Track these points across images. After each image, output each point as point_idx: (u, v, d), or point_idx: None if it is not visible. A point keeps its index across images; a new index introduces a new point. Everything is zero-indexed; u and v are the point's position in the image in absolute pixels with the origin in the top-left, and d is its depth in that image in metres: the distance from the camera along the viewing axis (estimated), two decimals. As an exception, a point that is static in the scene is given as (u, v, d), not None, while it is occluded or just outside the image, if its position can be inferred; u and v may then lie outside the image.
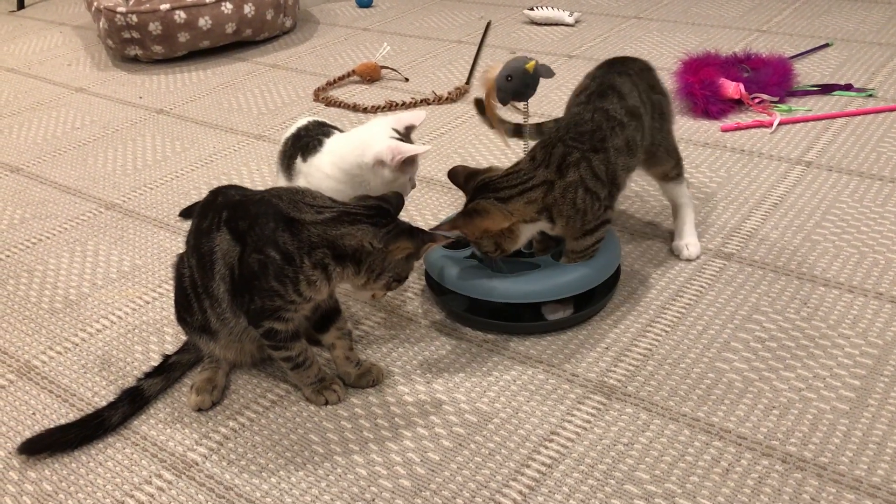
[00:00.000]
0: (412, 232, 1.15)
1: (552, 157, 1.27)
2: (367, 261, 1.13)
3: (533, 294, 1.29)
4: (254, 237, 1.10)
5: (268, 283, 1.11)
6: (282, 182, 1.42)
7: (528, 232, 1.29)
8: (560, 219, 1.27)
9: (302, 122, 1.46)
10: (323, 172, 1.35)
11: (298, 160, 1.39)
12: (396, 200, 1.20)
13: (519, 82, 1.34)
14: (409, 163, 1.34)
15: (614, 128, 1.31)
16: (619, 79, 1.36)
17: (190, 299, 1.20)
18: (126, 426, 1.21)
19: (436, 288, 1.40)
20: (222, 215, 1.14)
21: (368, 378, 1.25)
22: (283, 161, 1.43)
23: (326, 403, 1.22)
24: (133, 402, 1.23)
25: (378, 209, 1.15)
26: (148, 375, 1.27)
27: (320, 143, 1.38)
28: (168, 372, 1.28)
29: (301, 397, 1.24)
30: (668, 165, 1.45)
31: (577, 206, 1.26)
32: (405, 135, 1.37)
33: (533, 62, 1.33)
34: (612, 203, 1.33)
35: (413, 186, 1.38)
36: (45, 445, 1.17)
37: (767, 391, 1.18)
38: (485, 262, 1.35)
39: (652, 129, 1.39)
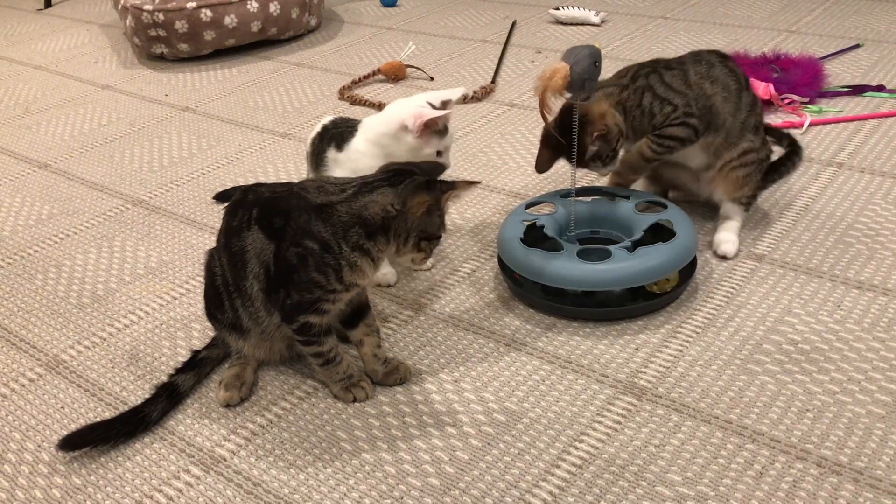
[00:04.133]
0: (429, 184, 1.11)
1: (629, 72, 1.49)
2: (392, 225, 1.11)
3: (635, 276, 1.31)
4: (290, 232, 1.10)
5: (308, 275, 1.10)
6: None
7: (616, 130, 1.43)
8: (629, 115, 1.44)
9: (325, 120, 1.47)
10: (358, 151, 1.38)
11: (332, 151, 1.40)
12: (428, 166, 1.18)
13: (600, 66, 1.31)
14: (437, 134, 1.35)
15: (699, 62, 1.47)
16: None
17: (221, 297, 1.20)
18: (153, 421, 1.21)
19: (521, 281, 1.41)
20: (252, 213, 1.14)
21: (396, 376, 1.25)
22: (313, 160, 1.44)
23: (354, 401, 1.22)
24: (170, 398, 1.23)
25: (397, 172, 1.13)
26: (179, 371, 1.27)
27: (354, 130, 1.41)
28: (199, 367, 1.28)
29: (328, 394, 1.24)
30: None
31: (642, 107, 1.44)
32: (439, 108, 1.37)
33: (597, 43, 1.33)
34: (695, 121, 1.43)
35: (447, 166, 1.35)
36: (85, 441, 1.16)
37: (801, 394, 1.16)
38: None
39: (745, 111, 1.47)
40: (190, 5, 2.60)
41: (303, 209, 1.11)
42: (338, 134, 1.41)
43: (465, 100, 2.25)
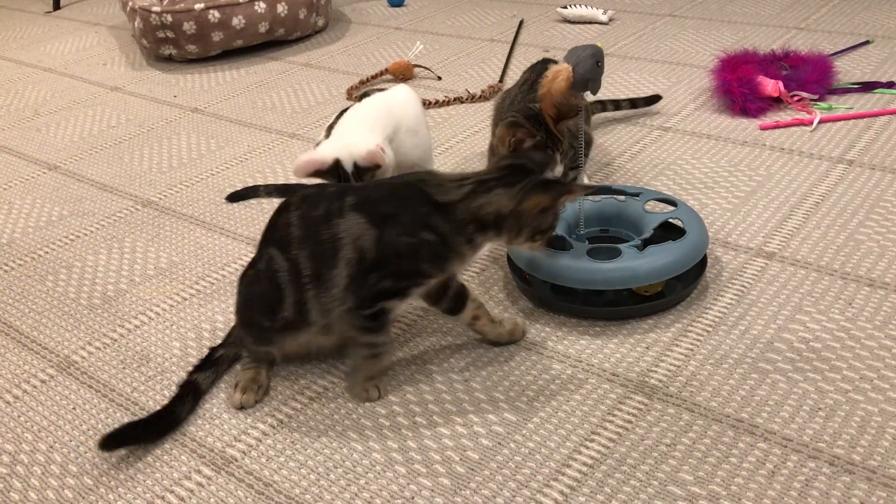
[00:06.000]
0: (546, 185, 1.15)
1: None
2: (504, 224, 1.15)
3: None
4: (404, 221, 1.12)
5: (416, 265, 1.14)
6: None
7: None
8: None
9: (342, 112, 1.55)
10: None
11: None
12: (540, 158, 1.21)
13: (603, 65, 1.31)
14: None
15: None
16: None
17: (283, 295, 1.16)
18: (165, 422, 1.22)
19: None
20: (345, 201, 1.15)
21: (518, 331, 1.30)
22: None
23: (368, 400, 1.22)
24: (195, 396, 1.24)
25: (511, 168, 1.17)
26: (198, 369, 1.27)
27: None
28: (216, 365, 1.28)
29: (338, 395, 1.24)
30: None
31: None
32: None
33: (599, 42, 1.32)
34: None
35: (553, 162, 1.45)
36: (124, 440, 1.17)
37: (813, 393, 1.16)
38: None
39: None
40: (198, 7, 2.60)
41: (423, 201, 1.14)
42: None
43: (472, 100, 2.25)
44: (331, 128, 1.56)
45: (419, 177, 1.18)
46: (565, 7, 2.81)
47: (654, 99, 2.05)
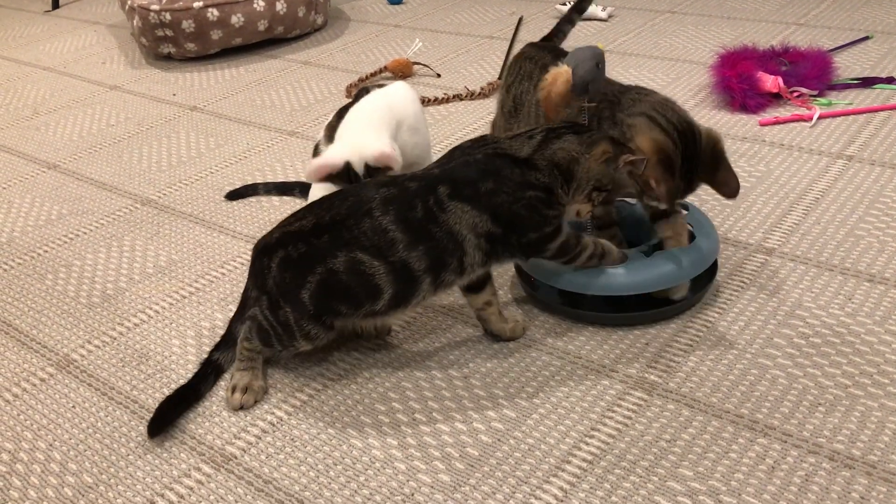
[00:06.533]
0: (611, 139, 1.20)
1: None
2: (575, 171, 1.18)
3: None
4: (507, 190, 1.16)
5: (542, 214, 1.18)
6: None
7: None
8: None
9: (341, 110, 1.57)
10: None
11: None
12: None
13: (604, 67, 1.29)
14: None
15: None
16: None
17: (379, 292, 1.16)
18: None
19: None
20: (439, 193, 1.16)
21: (519, 328, 1.31)
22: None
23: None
24: (216, 374, 1.27)
25: (576, 125, 1.24)
26: (217, 348, 1.29)
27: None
28: (235, 345, 1.28)
29: (338, 392, 1.24)
30: None
31: None
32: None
33: (599, 43, 1.30)
34: None
35: None
36: (166, 421, 1.20)
37: (812, 388, 1.16)
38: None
39: None
40: (196, 5, 2.60)
41: (512, 165, 1.17)
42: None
43: (471, 97, 2.25)
44: (330, 126, 1.55)
45: (490, 146, 1.21)
46: (564, 4, 2.80)
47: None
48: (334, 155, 1.45)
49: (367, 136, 1.47)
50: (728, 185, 1.27)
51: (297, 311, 1.19)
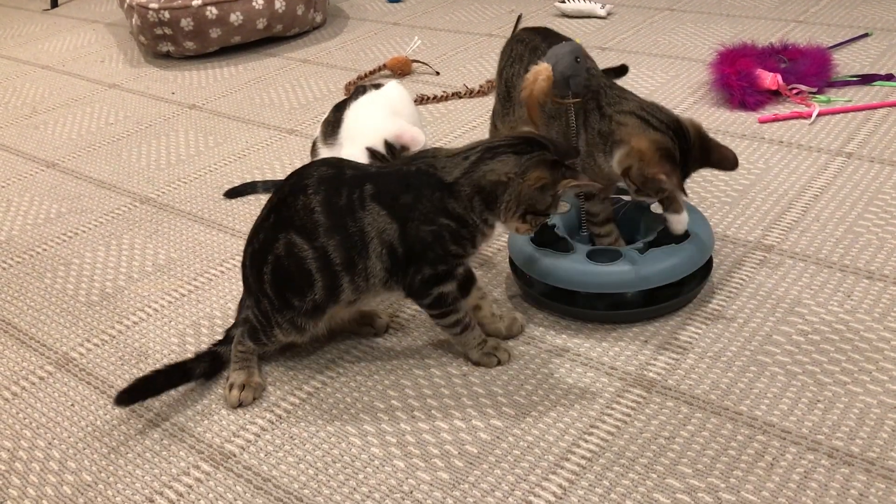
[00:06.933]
0: (552, 164, 1.13)
1: None
2: (503, 195, 1.13)
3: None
4: (421, 210, 1.12)
5: (445, 248, 1.14)
6: (323, 154, 1.53)
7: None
8: None
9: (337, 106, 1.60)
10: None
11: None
12: (563, 148, 1.18)
13: (583, 61, 1.29)
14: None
15: None
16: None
17: (312, 280, 1.15)
18: (163, 417, 1.21)
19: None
20: (364, 190, 1.13)
21: (516, 325, 1.30)
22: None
23: (499, 363, 1.24)
24: (213, 362, 1.26)
25: (528, 140, 1.15)
26: (221, 343, 1.30)
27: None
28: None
29: (336, 390, 1.24)
30: None
31: None
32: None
33: (578, 39, 1.30)
34: None
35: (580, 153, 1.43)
36: (138, 394, 1.19)
37: (812, 385, 1.16)
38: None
39: None
40: (195, 3, 2.60)
41: (435, 187, 1.13)
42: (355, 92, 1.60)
43: (470, 95, 2.24)
44: (326, 122, 1.55)
45: (427, 160, 1.17)
46: (563, 1, 2.80)
47: (623, 70, 1.99)
48: (355, 151, 1.44)
49: (380, 122, 1.48)
50: (727, 160, 1.28)
51: (270, 304, 1.20)
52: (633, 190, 1.28)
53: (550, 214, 1.17)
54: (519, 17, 2.80)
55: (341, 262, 1.14)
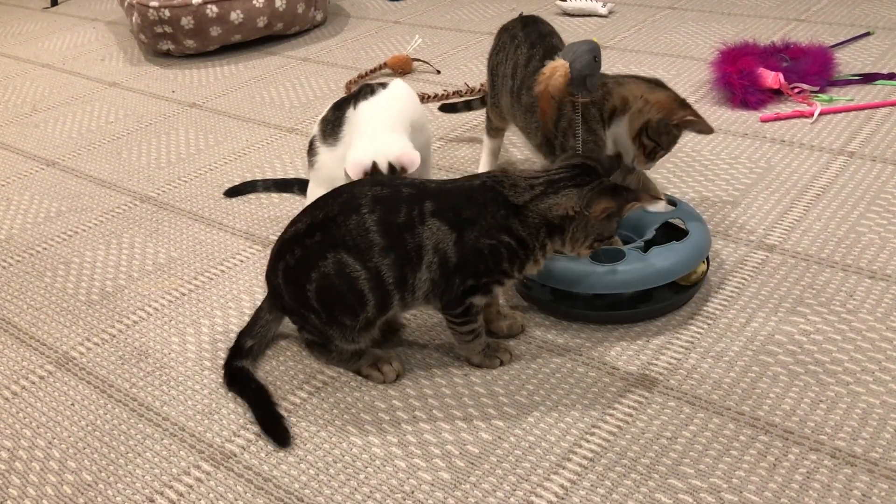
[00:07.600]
0: (615, 190, 1.13)
1: None
2: (570, 227, 1.14)
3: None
4: (484, 224, 1.13)
5: (499, 264, 1.15)
6: (323, 154, 1.54)
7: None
8: None
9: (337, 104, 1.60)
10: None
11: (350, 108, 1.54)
12: (609, 162, 1.18)
13: (601, 61, 1.29)
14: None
15: None
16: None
17: (364, 300, 1.16)
18: (163, 417, 1.21)
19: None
20: (424, 207, 1.14)
21: (516, 325, 1.30)
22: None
23: (501, 364, 1.25)
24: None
25: (582, 168, 1.15)
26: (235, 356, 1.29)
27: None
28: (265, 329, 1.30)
29: (338, 389, 1.23)
30: None
31: None
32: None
33: (595, 37, 1.31)
34: None
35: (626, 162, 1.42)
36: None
37: (814, 385, 1.15)
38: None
39: None
40: (196, 1, 2.59)
41: (501, 205, 1.14)
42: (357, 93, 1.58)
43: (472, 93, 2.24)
44: (324, 120, 1.55)
45: (495, 178, 1.17)
46: (564, 0, 2.79)
47: None
48: (363, 155, 1.44)
49: (388, 137, 1.47)
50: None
51: (318, 317, 1.20)
52: (642, 153, 1.32)
53: (614, 237, 1.19)
54: (520, 16, 2.80)
55: (394, 281, 1.15)
